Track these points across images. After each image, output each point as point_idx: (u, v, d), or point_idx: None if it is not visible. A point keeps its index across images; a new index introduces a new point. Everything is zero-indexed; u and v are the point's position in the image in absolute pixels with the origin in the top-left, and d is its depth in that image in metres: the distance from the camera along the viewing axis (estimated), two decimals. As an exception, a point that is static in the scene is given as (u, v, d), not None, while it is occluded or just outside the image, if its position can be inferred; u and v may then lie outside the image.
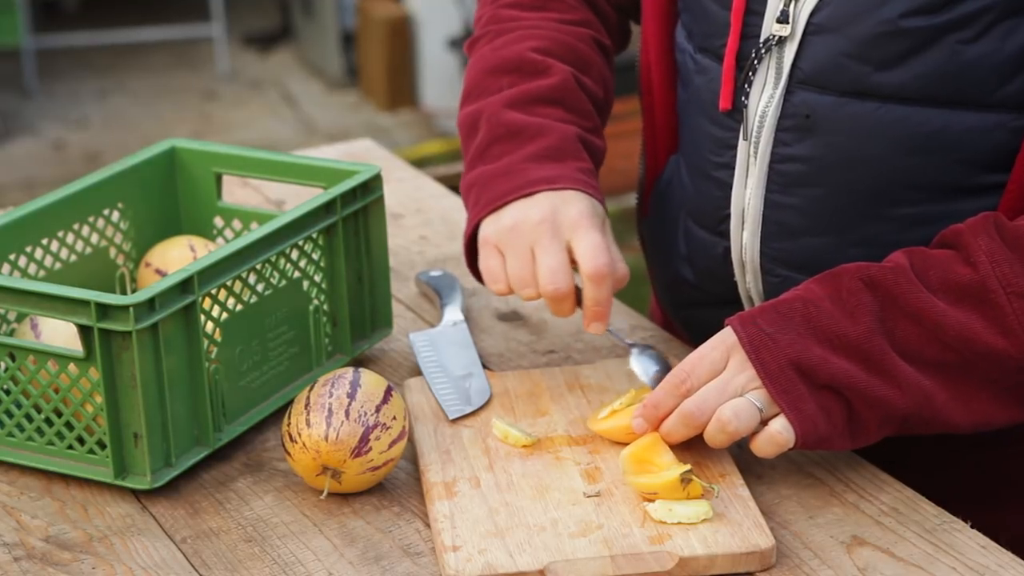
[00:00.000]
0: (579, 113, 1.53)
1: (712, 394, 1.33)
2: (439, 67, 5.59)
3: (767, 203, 1.45)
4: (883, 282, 1.33)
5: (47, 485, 1.44)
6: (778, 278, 1.47)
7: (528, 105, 1.52)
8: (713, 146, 1.49)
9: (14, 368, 1.43)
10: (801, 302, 1.34)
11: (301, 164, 1.64)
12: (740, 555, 1.28)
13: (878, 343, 1.31)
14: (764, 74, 1.43)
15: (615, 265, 1.44)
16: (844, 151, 1.40)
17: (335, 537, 1.35)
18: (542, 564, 1.28)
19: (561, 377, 1.55)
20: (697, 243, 1.54)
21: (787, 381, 1.31)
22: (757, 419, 1.32)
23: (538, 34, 1.58)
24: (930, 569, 1.29)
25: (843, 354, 1.32)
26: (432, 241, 1.88)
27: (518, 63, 1.55)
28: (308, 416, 1.37)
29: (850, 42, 1.37)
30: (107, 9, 6.61)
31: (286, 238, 1.50)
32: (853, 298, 1.33)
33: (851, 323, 1.32)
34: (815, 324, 1.32)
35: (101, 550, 1.35)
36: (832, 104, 1.39)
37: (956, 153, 1.38)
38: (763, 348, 1.32)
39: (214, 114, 5.85)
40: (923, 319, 1.32)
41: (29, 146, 5.58)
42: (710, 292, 1.55)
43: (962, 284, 1.33)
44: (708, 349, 1.35)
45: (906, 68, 1.36)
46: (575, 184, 1.46)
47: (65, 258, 1.59)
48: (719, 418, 1.32)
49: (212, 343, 1.44)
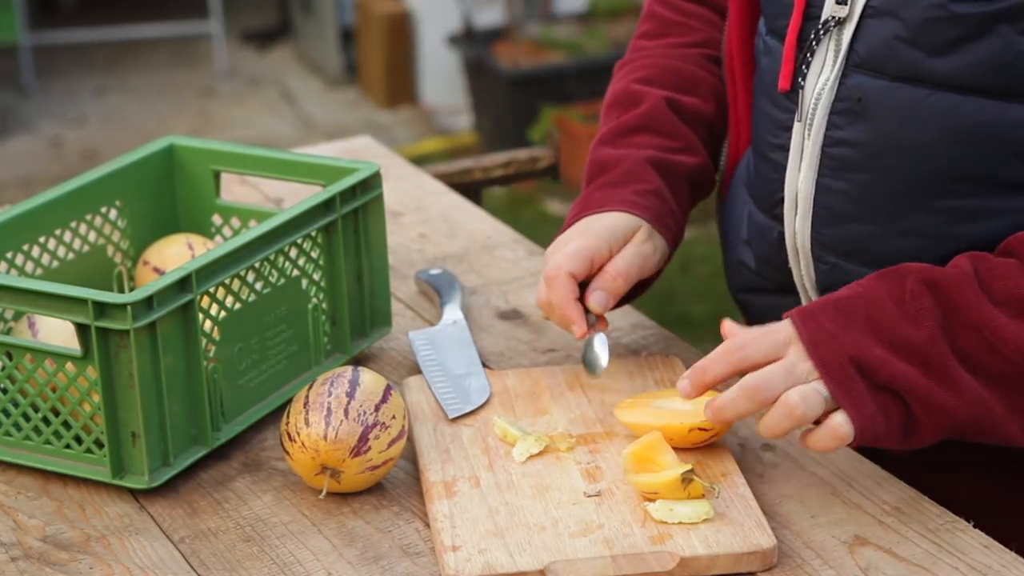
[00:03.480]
0: (667, 135, 1.61)
1: (780, 373, 1.31)
2: (439, 64, 5.59)
3: (818, 187, 1.45)
4: (947, 288, 1.32)
5: (44, 484, 1.43)
6: (827, 265, 1.47)
7: (618, 137, 1.62)
8: (772, 127, 1.50)
9: (11, 367, 1.42)
10: (864, 300, 1.32)
11: (300, 162, 1.64)
12: (741, 555, 1.28)
13: (940, 350, 1.30)
14: (823, 56, 1.43)
15: (607, 275, 1.50)
16: (893, 137, 1.40)
17: (334, 537, 1.35)
18: (542, 564, 1.27)
19: (561, 376, 1.54)
20: (757, 227, 1.55)
21: (847, 378, 1.29)
22: (822, 408, 1.30)
23: (647, 63, 1.68)
24: (932, 569, 1.28)
25: (904, 358, 1.30)
26: (432, 239, 1.87)
27: (622, 97, 1.66)
28: (307, 415, 1.37)
29: (904, 26, 1.37)
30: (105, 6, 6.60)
31: (285, 236, 1.49)
32: (916, 302, 1.31)
33: (914, 327, 1.30)
34: (876, 324, 1.31)
35: (99, 550, 1.34)
36: (884, 89, 1.39)
37: (1008, 146, 1.37)
38: (823, 343, 1.30)
39: (213, 111, 5.84)
40: (984, 330, 1.31)
41: (26, 144, 5.58)
42: (768, 278, 1.56)
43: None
44: (769, 329, 1.33)
45: (959, 55, 1.35)
46: (621, 206, 1.54)
47: (63, 256, 1.59)
48: (787, 402, 1.29)
49: (210, 342, 1.43)
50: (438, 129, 5.57)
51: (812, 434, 1.32)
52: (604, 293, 1.50)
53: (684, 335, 1.70)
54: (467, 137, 5.45)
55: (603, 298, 1.50)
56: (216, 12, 6.08)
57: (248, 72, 6.18)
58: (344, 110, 5.77)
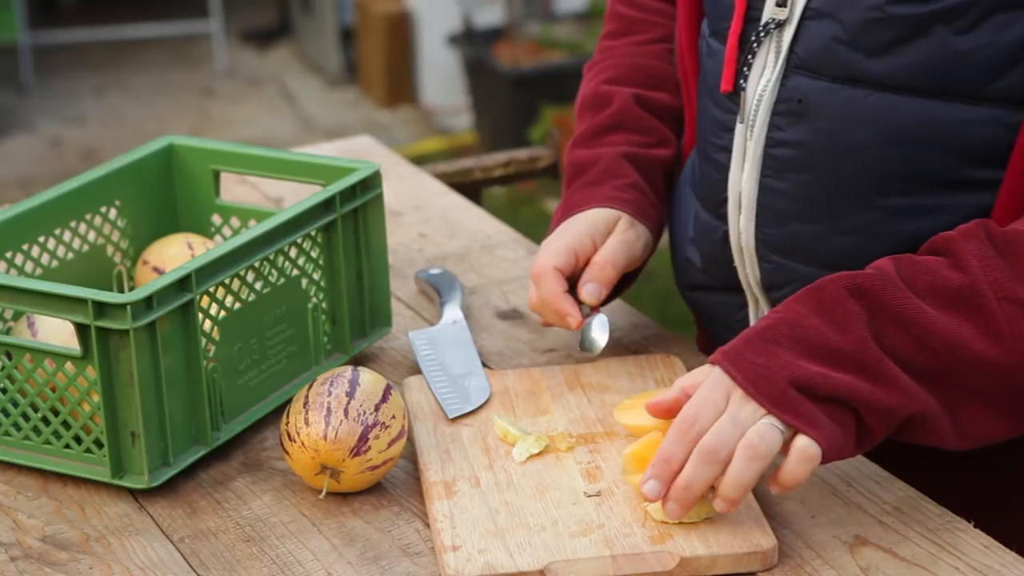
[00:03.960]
0: (640, 131, 1.64)
1: (727, 427, 1.26)
2: (439, 64, 5.59)
3: (761, 187, 1.46)
4: (869, 289, 1.29)
5: (44, 484, 1.43)
6: (771, 264, 1.48)
7: (592, 139, 1.65)
8: (715, 128, 1.51)
9: (11, 367, 1.42)
10: (787, 325, 1.29)
11: (300, 161, 1.63)
12: (742, 555, 1.28)
13: (872, 352, 1.27)
14: (764, 58, 1.44)
15: (595, 266, 1.53)
16: (834, 137, 1.40)
17: (334, 537, 1.35)
18: (542, 564, 1.27)
19: (561, 376, 1.54)
20: (702, 226, 1.55)
21: (793, 402, 1.26)
22: (781, 440, 1.26)
23: (613, 63, 1.71)
24: (933, 569, 1.28)
25: (839, 368, 1.27)
26: (432, 239, 1.87)
27: (592, 99, 1.69)
28: (307, 415, 1.37)
29: (842, 28, 1.38)
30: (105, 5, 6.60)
31: (284, 236, 1.49)
32: (840, 308, 1.29)
33: (842, 335, 1.28)
34: (805, 343, 1.28)
35: (98, 550, 1.34)
36: (824, 90, 1.40)
37: (947, 145, 1.37)
38: (759, 379, 1.27)
39: (212, 111, 5.84)
40: (911, 325, 1.29)
41: (26, 143, 5.57)
42: (714, 276, 1.56)
43: (951, 289, 1.29)
44: (706, 391, 1.28)
45: (896, 56, 1.36)
46: (601, 202, 1.57)
47: (62, 256, 1.59)
48: (747, 443, 1.25)
49: (210, 341, 1.43)
50: (438, 129, 5.57)
51: (781, 469, 1.27)
52: (596, 284, 1.53)
53: (684, 335, 1.69)
54: (467, 137, 5.45)
55: (595, 288, 1.53)
56: (216, 12, 6.08)
57: (248, 72, 6.18)
58: (344, 110, 5.77)
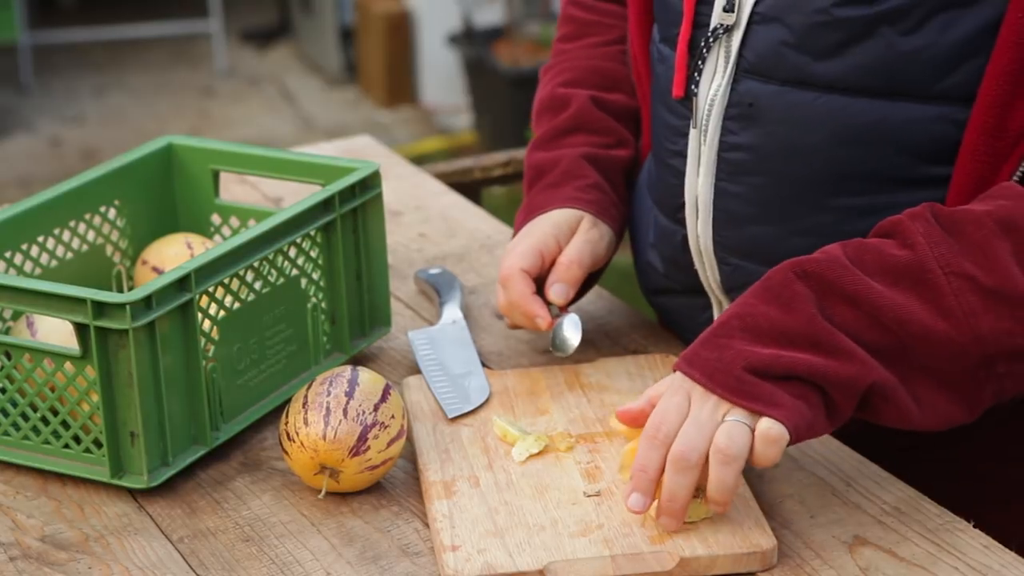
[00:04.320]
0: (598, 132, 1.65)
1: (692, 431, 1.26)
2: (438, 64, 5.59)
3: (717, 191, 1.47)
4: (816, 270, 1.29)
5: (43, 484, 1.43)
6: (730, 266, 1.49)
7: (552, 140, 1.66)
8: (669, 134, 1.52)
9: (10, 366, 1.42)
10: (737, 318, 1.29)
11: (299, 161, 1.63)
12: (741, 555, 1.28)
13: (822, 326, 1.27)
14: (714, 63, 1.44)
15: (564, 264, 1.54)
16: (785, 140, 1.41)
17: (333, 537, 1.34)
18: (542, 564, 1.27)
19: (561, 376, 1.54)
20: (662, 231, 1.56)
21: (750, 386, 1.26)
22: (749, 434, 1.26)
23: (569, 66, 1.71)
24: (932, 569, 1.28)
25: (790, 347, 1.27)
26: (431, 239, 1.87)
27: (549, 102, 1.69)
28: (306, 415, 1.37)
29: (790, 31, 1.39)
30: (104, 5, 6.60)
31: (284, 235, 1.49)
32: (787, 291, 1.29)
33: (790, 315, 1.28)
34: (755, 330, 1.28)
35: (97, 550, 1.34)
36: (774, 93, 1.41)
37: (897, 144, 1.38)
38: (715, 372, 1.27)
39: (212, 111, 5.84)
40: (860, 302, 1.28)
41: (25, 143, 5.57)
42: (676, 280, 1.57)
43: (899, 265, 1.29)
44: (669, 396, 1.29)
45: (843, 59, 1.36)
46: (563, 203, 1.59)
47: (61, 256, 1.59)
48: (716, 449, 1.25)
49: (209, 341, 1.43)
50: (438, 128, 5.57)
51: (752, 454, 1.27)
52: (563, 284, 1.54)
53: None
54: (467, 136, 5.45)
55: (562, 289, 1.54)
56: (216, 11, 6.08)
57: (247, 71, 6.18)
58: (344, 109, 5.77)
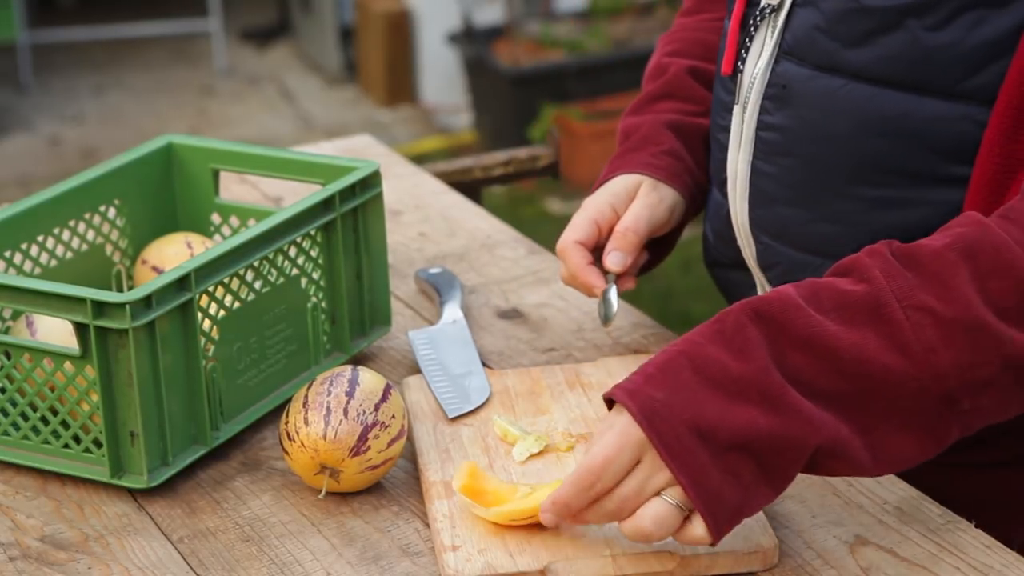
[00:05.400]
0: (687, 100, 1.67)
1: (630, 497, 1.22)
2: (438, 63, 5.58)
3: (753, 169, 1.49)
4: (769, 312, 1.23)
5: (43, 484, 1.43)
6: (763, 245, 1.50)
7: (643, 106, 1.69)
8: (720, 109, 1.55)
9: (9, 366, 1.42)
10: (686, 357, 1.22)
11: (299, 160, 1.63)
12: (742, 554, 1.28)
13: (773, 379, 1.21)
14: (761, 42, 1.46)
15: (623, 232, 1.56)
16: (814, 125, 1.42)
17: (333, 537, 1.34)
18: (542, 564, 1.27)
19: (561, 375, 1.54)
20: (714, 204, 1.59)
21: (686, 453, 1.20)
22: (679, 521, 1.22)
23: (678, 37, 1.74)
24: (934, 569, 1.28)
25: (739, 399, 1.20)
26: (431, 238, 1.87)
27: (653, 71, 1.73)
28: (306, 415, 1.37)
29: (823, 16, 1.40)
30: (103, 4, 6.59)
31: (284, 235, 1.49)
32: (739, 335, 1.22)
33: (742, 362, 1.21)
34: (704, 374, 1.21)
35: (97, 550, 1.34)
36: (806, 77, 1.42)
37: (920, 140, 1.38)
38: (656, 418, 1.20)
39: (211, 110, 5.84)
40: (814, 346, 1.22)
41: (25, 142, 5.57)
42: (723, 253, 1.59)
43: (855, 301, 1.23)
44: (615, 451, 1.21)
45: (871, 48, 1.37)
46: (631, 168, 1.61)
47: (61, 255, 1.59)
48: (640, 529, 1.22)
49: (209, 341, 1.43)
50: (438, 128, 5.56)
51: (678, 534, 1.23)
52: (619, 252, 1.56)
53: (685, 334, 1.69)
54: (467, 136, 5.45)
55: (619, 256, 1.57)
56: (215, 10, 6.07)
57: (247, 70, 6.18)
58: (343, 108, 5.77)
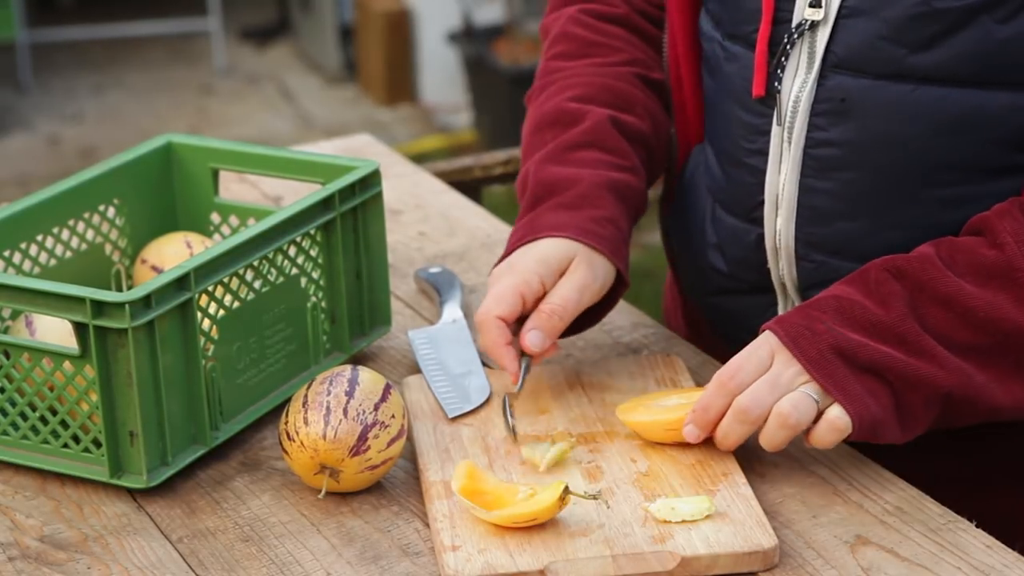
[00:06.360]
0: (615, 153, 1.56)
1: (764, 388, 1.35)
2: (438, 62, 5.58)
3: (801, 188, 1.47)
4: (910, 271, 1.36)
5: (42, 484, 1.42)
6: (813, 263, 1.49)
7: (563, 154, 1.55)
8: (746, 133, 1.50)
9: (8, 366, 1.41)
10: (833, 299, 1.37)
11: (299, 160, 1.63)
12: (743, 555, 1.27)
13: (912, 327, 1.34)
14: (796, 59, 1.45)
15: (546, 308, 1.45)
16: (880, 134, 1.42)
17: (333, 537, 1.34)
18: (542, 564, 1.27)
19: (562, 375, 1.54)
20: (728, 231, 1.55)
21: (830, 365, 1.33)
22: (815, 410, 1.34)
23: (578, 82, 1.61)
24: (935, 569, 1.28)
25: (879, 339, 1.34)
26: (431, 237, 1.87)
27: (557, 115, 1.59)
28: (306, 414, 1.36)
29: (885, 25, 1.39)
30: (103, 3, 6.59)
31: (284, 234, 1.49)
32: (883, 288, 1.36)
33: (884, 310, 1.35)
34: (848, 315, 1.35)
35: (97, 550, 1.33)
36: (867, 87, 1.41)
37: (991, 133, 1.40)
38: (801, 338, 1.35)
39: (211, 109, 5.83)
40: (952, 304, 1.35)
41: (24, 141, 5.57)
42: (742, 280, 1.56)
43: (988, 266, 1.36)
44: (753, 348, 1.37)
45: (940, 49, 1.38)
46: (572, 232, 1.47)
47: (60, 255, 1.58)
48: (779, 412, 1.33)
49: (209, 340, 1.43)
50: (438, 127, 5.56)
51: (813, 431, 1.35)
52: (539, 332, 1.45)
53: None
54: (467, 135, 5.45)
55: (539, 337, 1.44)
56: (215, 9, 6.07)
57: (247, 70, 6.18)
58: (343, 108, 5.77)
